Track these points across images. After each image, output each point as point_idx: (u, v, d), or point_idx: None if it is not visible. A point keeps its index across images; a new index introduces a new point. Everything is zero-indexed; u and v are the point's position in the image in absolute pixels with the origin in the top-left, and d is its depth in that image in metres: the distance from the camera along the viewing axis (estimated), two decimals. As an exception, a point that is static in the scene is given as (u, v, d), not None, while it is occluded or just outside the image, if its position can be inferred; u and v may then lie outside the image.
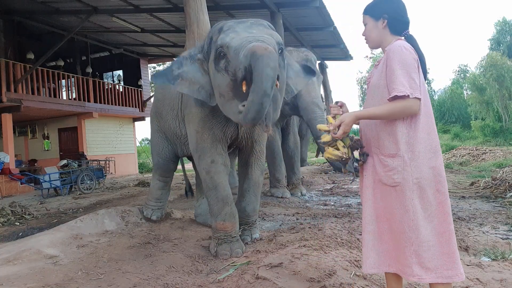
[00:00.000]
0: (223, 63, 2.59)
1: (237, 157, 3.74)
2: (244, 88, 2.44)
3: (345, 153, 1.80)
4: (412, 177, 1.65)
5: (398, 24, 1.77)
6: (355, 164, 1.85)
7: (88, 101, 12.27)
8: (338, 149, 1.82)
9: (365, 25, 1.86)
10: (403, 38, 1.77)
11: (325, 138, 1.82)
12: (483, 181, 6.17)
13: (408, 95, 1.61)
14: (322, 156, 5.78)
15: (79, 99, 12.08)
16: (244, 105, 2.38)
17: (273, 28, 2.78)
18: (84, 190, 8.70)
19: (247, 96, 2.38)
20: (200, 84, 2.89)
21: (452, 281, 1.63)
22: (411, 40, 1.74)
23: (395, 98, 1.63)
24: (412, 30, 1.81)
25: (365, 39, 1.89)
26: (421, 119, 1.66)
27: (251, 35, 2.53)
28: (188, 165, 5.63)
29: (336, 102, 1.90)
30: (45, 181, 8.52)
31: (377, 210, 1.77)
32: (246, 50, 2.39)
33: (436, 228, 1.65)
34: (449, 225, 1.67)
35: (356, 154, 1.86)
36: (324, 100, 7.57)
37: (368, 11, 1.84)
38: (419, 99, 1.63)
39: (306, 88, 5.17)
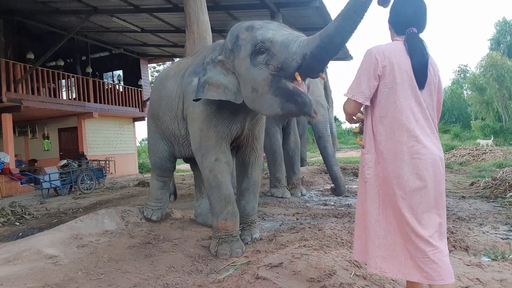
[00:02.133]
0: (263, 58, 2.62)
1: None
2: (298, 78, 2.47)
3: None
4: (377, 175, 1.79)
5: (398, 26, 1.87)
6: None
7: (88, 101, 12.27)
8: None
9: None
10: (402, 37, 1.83)
11: (356, 129, 2.08)
12: (483, 181, 6.18)
13: (348, 97, 1.82)
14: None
15: (79, 99, 12.08)
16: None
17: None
18: (84, 190, 8.70)
19: (284, 92, 2.54)
20: (224, 85, 2.92)
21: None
22: (409, 38, 1.79)
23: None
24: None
25: None
26: (388, 124, 1.76)
27: (289, 32, 2.65)
28: (184, 166, 5.62)
29: None
30: (45, 181, 8.52)
31: (357, 204, 1.93)
32: (300, 41, 2.46)
33: (387, 228, 1.76)
34: (398, 227, 1.74)
35: None
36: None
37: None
38: (357, 102, 1.79)
39: (311, 86, 5.16)
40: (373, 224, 1.78)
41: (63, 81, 12.61)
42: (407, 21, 1.84)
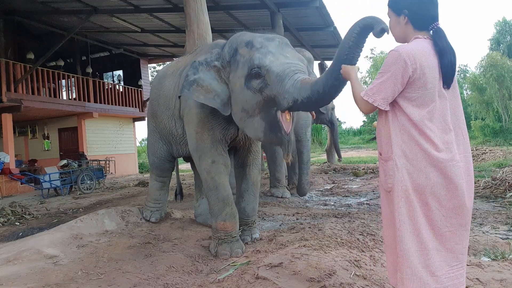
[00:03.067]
0: (258, 83, 2.62)
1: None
2: (288, 117, 2.52)
3: None
4: (402, 183, 1.58)
5: (421, 20, 1.64)
6: None
7: (88, 101, 12.27)
8: None
9: (389, 18, 1.75)
10: (430, 33, 1.66)
11: (374, 124, 2.02)
12: (483, 181, 6.17)
13: (368, 101, 1.61)
14: None
15: (79, 99, 12.08)
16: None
17: (292, 48, 2.84)
18: (84, 190, 8.70)
19: (271, 120, 2.56)
20: (215, 92, 2.91)
21: None
22: (436, 36, 1.62)
23: (362, 97, 1.65)
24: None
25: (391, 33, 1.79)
26: (420, 129, 1.57)
27: (289, 60, 2.59)
28: (185, 165, 5.61)
29: None
30: (45, 181, 8.52)
31: (385, 218, 1.73)
32: (295, 80, 2.43)
33: (420, 243, 1.57)
34: (431, 243, 1.57)
35: None
36: None
37: (391, 4, 1.72)
38: (377, 108, 1.61)
39: None
40: (407, 239, 1.57)
41: (63, 81, 12.62)
42: (434, 15, 1.64)
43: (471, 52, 58.92)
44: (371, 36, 1.99)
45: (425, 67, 1.55)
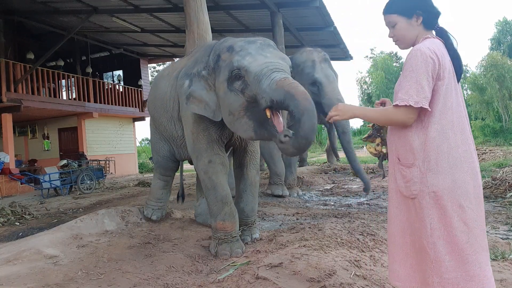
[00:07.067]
0: (239, 85, 2.68)
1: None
2: (268, 114, 2.56)
3: (377, 150, 1.90)
4: (429, 189, 1.53)
5: (432, 18, 1.64)
6: (383, 162, 1.90)
7: (88, 101, 12.26)
8: (377, 145, 1.91)
9: (392, 26, 1.69)
10: (434, 32, 1.67)
11: (366, 134, 1.98)
12: (483, 181, 6.17)
13: (410, 105, 1.51)
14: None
15: (79, 99, 12.08)
16: (285, 136, 2.47)
17: (276, 48, 2.87)
18: (84, 190, 8.70)
19: (258, 117, 2.63)
20: (205, 102, 2.98)
21: None
22: (442, 33, 1.64)
23: (397, 106, 1.56)
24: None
25: (396, 40, 1.71)
26: (440, 127, 1.54)
27: (268, 60, 2.64)
28: (185, 166, 5.62)
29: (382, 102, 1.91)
30: (45, 181, 8.52)
31: (402, 223, 1.67)
32: (271, 79, 2.50)
33: (455, 246, 1.52)
34: (467, 245, 1.52)
35: None
36: None
37: (396, 9, 1.66)
38: (421, 108, 1.52)
39: (330, 85, 5.36)
40: (440, 245, 1.52)
41: (63, 81, 12.61)
42: (439, 12, 1.65)
43: (472, 52, 58.95)
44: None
45: (446, 62, 1.56)
